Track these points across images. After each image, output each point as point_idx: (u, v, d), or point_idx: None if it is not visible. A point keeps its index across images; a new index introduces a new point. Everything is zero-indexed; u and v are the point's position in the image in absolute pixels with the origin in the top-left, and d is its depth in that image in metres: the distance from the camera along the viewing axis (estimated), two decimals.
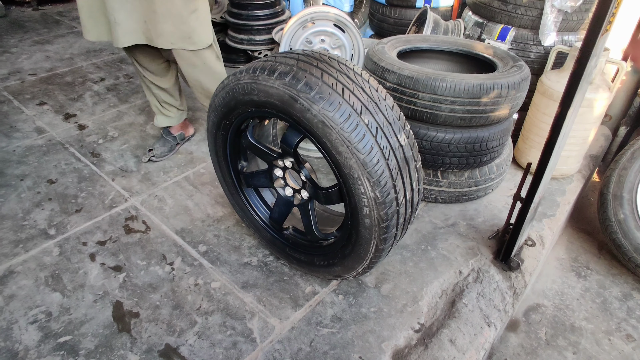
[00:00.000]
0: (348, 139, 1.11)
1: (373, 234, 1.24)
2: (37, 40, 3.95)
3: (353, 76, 1.21)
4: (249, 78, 1.24)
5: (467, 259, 1.76)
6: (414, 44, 2.10)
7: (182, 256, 1.75)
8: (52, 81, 3.20)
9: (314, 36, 2.13)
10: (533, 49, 2.14)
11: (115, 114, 2.79)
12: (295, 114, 1.17)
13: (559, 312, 1.92)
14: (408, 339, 1.46)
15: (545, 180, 1.52)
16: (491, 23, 2.24)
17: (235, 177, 1.63)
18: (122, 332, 1.46)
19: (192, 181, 2.19)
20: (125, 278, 1.65)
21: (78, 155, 2.37)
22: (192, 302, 1.56)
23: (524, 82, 1.73)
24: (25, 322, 1.48)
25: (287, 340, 1.44)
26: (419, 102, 1.71)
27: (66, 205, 2.01)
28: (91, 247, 1.79)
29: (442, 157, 1.82)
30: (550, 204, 2.08)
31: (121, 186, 2.14)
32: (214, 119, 1.47)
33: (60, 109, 2.84)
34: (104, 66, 3.49)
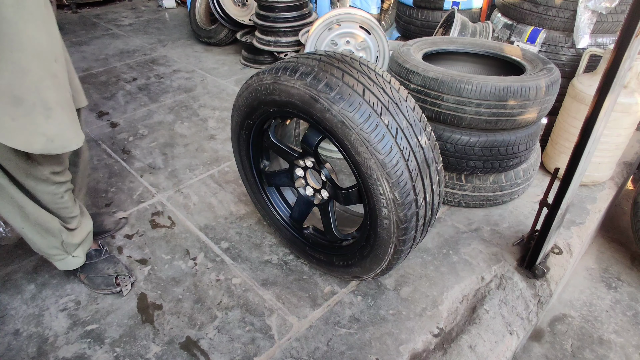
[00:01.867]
0: (367, 140, 1.12)
1: (391, 235, 1.23)
2: (75, 42, 4.13)
3: (374, 77, 1.21)
4: (271, 78, 1.26)
5: (490, 265, 1.73)
6: (440, 46, 2.08)
7: (205, 252, 1.79)
8: (87, 80, 3.34)
9: (340, 38, 2.14)
10: (564, 52, 2.08)
11: (145, 112, 2.89)
12: (316, 114, 1.18)
13: (587, 323, 1.85)
14: (426, 343, 1.45)
15: (573, 186, 1.47)
16: (521, 25, 2.19)
17: (258, 176, 1.66)
18: (146, 323, 1.50)
19: (216, 179, 2.24)
20: (150, 271, 1.70)
21: (109, 152, 2.46)
22: (213, 296, 1.60)
23: (553, 85, 1.68)
24: (56, 309, 1.55)
25: (304, 339, 1.45)
26: (444, 104, 1.69)
27: (97, 199, 2.09)
28: (119, 240, 1.85)
29: (466, 160, 1.79)
30: (580, 212, 2.01)
31: (149, 182, 2.21)
32: (237, 118, 1.50)
33: (94, 107, 2.96)
34: (136, 66, 3.61)
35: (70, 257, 1.55)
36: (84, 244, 1.58)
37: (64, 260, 1.55)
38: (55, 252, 1.52)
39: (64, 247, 1.52)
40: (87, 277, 1.63)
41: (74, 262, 1.58)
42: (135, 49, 3.99)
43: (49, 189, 1.37)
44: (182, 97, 3.09)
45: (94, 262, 1.63)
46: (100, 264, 1.63)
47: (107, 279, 1.62)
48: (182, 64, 3.67)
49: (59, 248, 1.51)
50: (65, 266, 1.57)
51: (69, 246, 1.53)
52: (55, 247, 1.50)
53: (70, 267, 1.58)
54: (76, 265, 1.59)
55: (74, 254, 1.56)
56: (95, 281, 1.62)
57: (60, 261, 1.55)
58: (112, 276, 1.62)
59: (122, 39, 4.24)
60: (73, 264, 1.58)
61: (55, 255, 1.53)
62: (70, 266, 1.58)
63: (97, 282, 1.62)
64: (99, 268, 1.63)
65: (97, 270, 1.63)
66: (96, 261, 1.64)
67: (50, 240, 1.48)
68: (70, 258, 1.56)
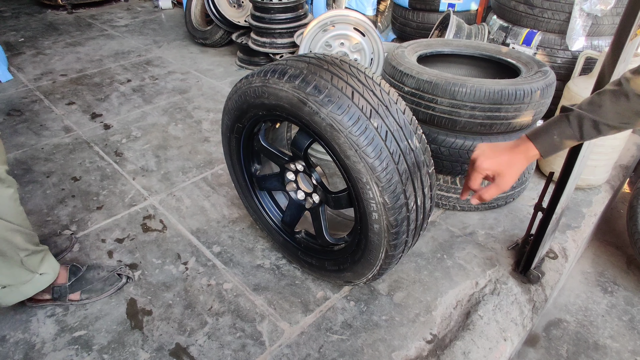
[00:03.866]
0: (356, 143, 1.10)
1: (382, 240, 1.21)
2: (70, 43, 4.11)
3: (364, 79, 1.19)
4: (260, 81, 1.24)
5: (485, 270, 1.71)
6: (435, 48, 2.06)
7: (197, 256, 1.77)
8: (81, 82, 3.32)
9: (334, 39, 2.12)
10: (560, 54, 2.06)
11: (139, 114, 2.86)
12: (304, 117, 1.16)
13: (582, 328, 1.84)
14: (419, 349, 1.43)
15: (568, 190, 1.45)
16: (516, 27, 2.18)
17: (249, 179, 1.64)
18: (135, 329, 1.48)
19: (209, 182, 2.21)
20: (141, 276, 1.68)
21: (102, 154, 2.43)
22: (204, 302, 1.58)
23: (548, 88, 1.67)
24: (44, 315, 1.53)
25: (295, 345, 1.43)
26: (438, 107, 1.67)
27: (88, 202, 2.07)
28: (109, 244, 1.83)
29: (460, 164, 1.77)
30: (575, 215, 2.00)
31: (141, 185, 2.19)
32: (228, 122, 1.48)
33: (87, 108, 2.93)
34: (131, 68, 3.58)
35: (37, 276, 1.41)
36: (47, 258, 1.45)
37: (30, 282, 1.40)
38: (17, 272, 1.36)
39: (26, 265, 1.36)
40: (83, 291, 1.54)
41: (43, 281, 1.44)
42: (130, 50, 3.96)
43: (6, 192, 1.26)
44: (176, 99, 3.06)
45: (80, 276, 1.56)
46: (88, 274, 1.57)
47: (108, 279, 1.57)
48: (177, 65, 3.64)
49: (20, 267, 1.35)
50: (34, 288, 1.42)
51: (31, 263, 1.38)
52: (15, 267, 1.35)
53: (40, 287, 1.44)
54: (46, 284, 1.45)
55: (41, 270, 1.42)
56: (95, 288, 1.56)
57: (26, 284, 1.39)
58: (110, 274, 1.57)
59: (118, 39, 4.22)
60: (43, 283, 1.44)
61: (20, 278, 1.37)
62: (40, 286, 1.44)
63: (99, 287, 1.56)
64: (89, 277, 1.57)
65: (88, 280, 1.56)
66: (82, 274, 1.56)
67: (10, 259, 1.32)
68: (38, 277, 1.42)
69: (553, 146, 1.01)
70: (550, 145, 1.01)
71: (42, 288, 1.46)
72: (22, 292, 1.40)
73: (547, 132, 1.01)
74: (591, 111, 0.96)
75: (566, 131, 0.99)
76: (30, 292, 1.43)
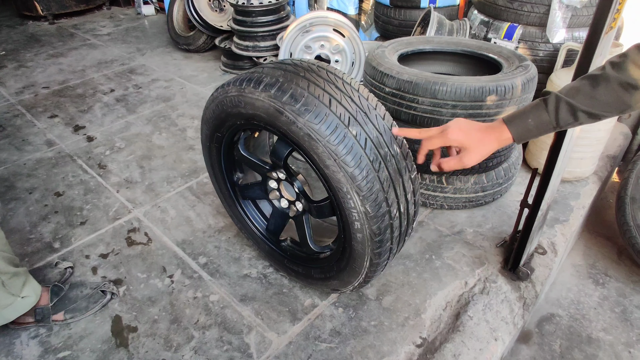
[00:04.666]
0: (335, 152, 1.07)
1: (366, 248, 1.19)
2: (52, 54, 4.05)
3: (341, 85, 1.17)
4: (236, 90, 1.21)
5: (474, 269, 1.69)
6: (417, 46, 2.04)
7: (182, 268, 1.74)
8: (64, 94, 3.27)
9: (314, 42, 2.10)
10: (542, 47, 2.05)
11: (123, 124, 2.83)
12: (282, 126, 1.14)
13: (575, 322, 1.83)
14: (409, 354, 1.41)
15: (552, 185, 1.44)
16: (497, 21, 2.16)
17: (232, 189, 1.61)
18: (120, 347, 1.45)
19: (194, 191, 2.18)
20: (126, 291, 1.65)
21: (85, 167, 2.40)
22: (190, 315, 1.55)
23: (529, 82, 1.65)
24: (27, 336, 1.49)
25: (284, 356, 1.41)
26: (419, 107, 1.65)
27: (71, 217, 2.03)
28: (93, 260, 1.79)
29: None
30: (563, 209, 1.99)
31: (125, 197, 2.16)
32: (207, 131, 1.46)
33: (70, 121, 2.89)
34: (114, 77, 3.54)
35: (19, 299, 1.37)
36: (29, 280, 1.42)
37: (12, 305, 1.36)
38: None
39: (7, 289, 1.33)
40: (66, 311, 1.50)
41: (25, 304, 1.40)
42: (113, 59, 3.91)
43: None
44: (160, 107, 3.03)
45: (63, 295, 1.53)
46: (70, 293, 1.54)
47: (92, 297, 1.54)
48: (160, 72, 3.60)
49: (2, 291, 1.32)
50: (16, 312, 1.38)
51: (13, 286, 1.34)
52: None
53: (22, 310, 1.40)
54: (28, 307, 1.41)
55: (23, 294, 1.38)
56: (80, 307, 1.53)
57: (8, 307, 1.35)
58: (94, 291, 1.54)
59: (100, 49, 4.17)
60: (25, 306, 1.40)
61: (1, 302, 1.33)
62: (22, 309, 1.39)
63: (83, 306, 1.53)
64: (72, 296, 1.54)
65: (72, 299, 1.53)
66: (64, 293, 1.53)
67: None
68: (20, 300, 1.38)
69: (527, 131, 0.98)
70: (524, 130, 0.98)
71: (25, 311, 1.43)
72: (3, 316, 1.37)
73: (522, 117, 0.98)
74: (569, 95, 0.93)
75: (542, 116, 0.95)
76: (12, 316, 1.40)
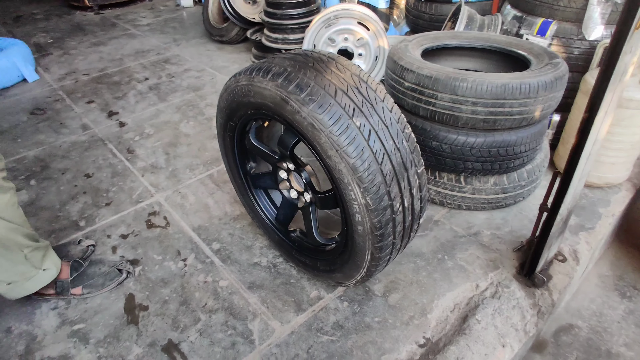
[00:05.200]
0: (337, 143, 1.07)
1: (367, 242, 1.18)
2: (94, 42, 4.24)
3: (349, 77, 1.16)
4: (246, 80, 1.23)
5: (487, 272, 1.64)
6: (443, 41, 1.98)
7: (196, 253, 1.79)
8: (101, 80, 3.42)
9: (337, 34, 2.09)
10: (577, 45, 1.94)
11: (153, 112, 2.92)
12: (287, 116, 1.14)
13: (595, 335, 1.74)
14: (411, 353, 1.39)
15: (574, 189, 1.37)
16: (530, 17, 2.07)
17: (245, 178, 1.64)
18: (131, 324, 1.51)
19: (215, 179, 2.23)
20: (141, 271, 1.71)
21: (115, 152, 2.50)
22: (199, 299, 1.59)
23: (557, 81, 1.57)
24: (47, 308, 1.58)
25: (285, 345, 1.42)
26: (438, 102, 1.61)
27: (98, 198, 2.13)
28: (114, 240, 1.87)
29: (463, 161, 1.70)
30: (590, 216, 1.89)
31: (149, 182, 2.23)
32: (220, 120, 1.48)
33: (105, 106, 3.02)
34: (149, 66, 3.66)
35: (41, 272, 1.46)
36: (49, 254, 1.49)
37: (34, 277, 1.45)
38: (23, 269, 1.40)
39: (30, 261, 1.40)
40: (84, 286, 1.58)
41: (46, 277, 1.48)
42: (150, 48, 4.05)
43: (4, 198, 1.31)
44: (190, 96, 3.11)
45: (82, 271, 1.61)
46: (89, 270, 1.62)
47: (109, 274, 1.61)
48: (193, 62, 3.70)
49: (24, 264, 1.40)
50: (38, 283, 1.46)
51: (34, 260, 1.42)
52: (21, 264, 1.39)
53: (44, 282, 1.48)
54: (49, 279, 1.49)
55: (44, 266, 1.46)
56: (96, 283, 1.60)
57: (31, 279, 1.44)
58: (111, 269, 1.61)
59: (139, 38, 4.32)
60: (46, 278, 1.48)
61: (24, 274, 1.41)
62: (44, 281, 1.48)
63: (100, 283, 1.61)
64: (90, 273, 1.62)
65: (90, 275, 1.61)
66: (83, 269, 1.61)
67: (13, 257, 1.36)
68: (42, 273, 1.46)
69: None
70: None
71: (45, 283, 1.51)
72: (26, 287, 1.46)
73: None
74: None
75: None
76: (34, 288, 1.49)
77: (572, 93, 1.97)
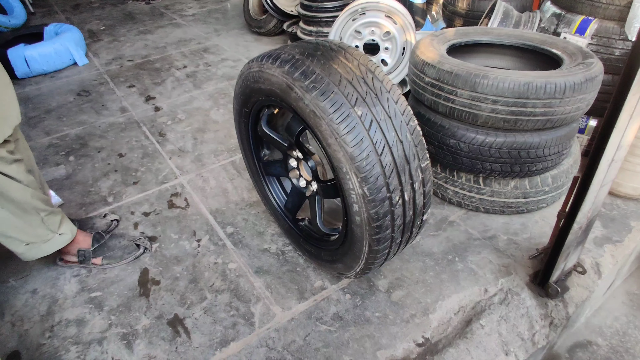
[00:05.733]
0: (337, 130, 1.07)
1: (364, 232, 1.18)
2: (141, 30, 4.44)
3: (356, 66, 1.15)
4: (257, 66, 1.25)
5: (498, 277, 1.58)
6: (473, 37, 1.92)
7: (210, 235, 1.84)
8: (143, 67, 3.58)
9: (364, 27, 2.07)
10: (618, 45, 1.82)
11: (187, 98, 3.03)
12: (292, 102, 1.16)
13: (615, 355, 1.64)
14: (407, 351, 1.37)
15: (593, 197, 1.29)
16: (570, 14, 1.96)
17: (258, 164, 1.67)
18: (142, 297, 1.59)
19: (236, 166, 2.29)
20: (157, 248, 1.79)
21: (147, 134, 2.62)
22: (208, 278, 1.65)
23: (588, 82, 1.48)
24: (70, 274, 1.69)
25: (283, 330, 1.44)
26: (458, 99, 1.57)
27: (127, 177, 2.25)
28: (137, 217, 1.97)
29: (481, 161, 1.65)
30: (620, 228, 1.77)
31: (175, 165, 2.32)
32: (236, 106, 1.52)
33: (144, 91, 3.16)
34: (189, 54, 3.79)
35: (57, 236, 1.53)
36: (65, 220, 1.57)
37: (51, 240, 1.52)
38: (40, 232, 1.47)
39: (47, 225, 1.47)
40: (104, 257, 1.69)
41: (62, 240, 1.56)
42: (192, 37, 4.19)
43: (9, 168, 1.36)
44: (223, 85, 3.19)
45: (103, 242, 1.71)
46: (110, 242, 1.72)
47: (127, 247, 1.70)
48: (230, 52, 3.79)
49: (41, 227, 1.46)
50: (54, 246, 1.54)
51: (51, 223, 1.49)
52: (38, 227, 1.45)
53: (59, 245, 1.56)
54: (65, 243, 1.57)
55: (60, 231, 1.54)
56: (115, 255, 1.70)
57: (48, 242, 1.51)
58: (129, 244, 1.69)
59: (183, 28, 4.48)
60: (61, 242, 1.56)
61: (41, 237, 1.48)
62: (59, 244, 1.56)
63: (118, 255, 1.71)
64: (111, 245, 1.72)
65: (110, 247, 1.71)
66: (104, 241, 1.71)
67: (31, 220, 1.43)
68: (58, 237, 1.54)
69: None
70: None
71: (61, 247, 1.61)
72: (43, 249, 1.56)
73: None
74: None
75: None
76: (51, 250, 1.58)
77: (606, 96, 1.85)
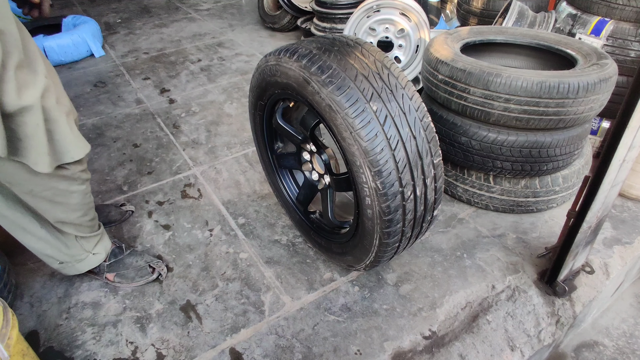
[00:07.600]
0: (352, 125, 1.09)
1: (375, 226, 1.20)
2: (157, 24, 4.49)
3: (372, 62, 1.17)
4: (274, 60, 1.28)
5: (505, 275, 1.60)
6: (487, 36, 1.93)
7: (222, 225, 1.88)
8: (159, 60, 3.63)
9: (378, 24, 2.09)
10: (634, 47, 1.82)
11: (201, 91, 3.07)
12: (308, 96, 1.18)
13: (621, 356, 1.65)
14: (414, 343, 1.39)
15: (603, 196, 1.30)
16: (586, 15, 1.95)
17: (271, 156, 1.70)
18: (155, 282, 1.63)
19: (249, 158, 2.32)
20: (171, 236, 1.84)
21: (162, 125, 2.66)
22: (219, 267, 1.68)
23: (602, 83, 1.49)
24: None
25: (292, 319, 1.48)
26: (470, 97, 1.58)
27: (142, 167, 2.29)
28: (151, 206, 2.02)
29: (492, 160, 1.66)
30: (630, 230, 1.77)
31: (189, 156, 2.37)
32: (252, 99, 1.55)
33: (159, 84, 3.21)
34: (204, 48, 3.83)
35: (91, 256, 1.54)
36: (102, 240, 1.57)
37: (85, 260, 1.53)
38: (74, 252, 1.49)
39: (81, 244, 1.49)
40: (117, 274, 1.61)
41: (95, 260, 1.56)
42: (206, 32, 4.23)
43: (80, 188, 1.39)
44: (237, 79, 3.23)
45: (120, 259, 1.63)
46: (127, 259, 1.64)
47: (141, 270, 1.62)
48: (244, 47, 3.82)
49: (76, 247, 1.48)
50: (87, 265, 1.55)
51: (86, 244, 1.50)
52: (73, 247, 1.47)
53: (92, 265, 1.56)
54: (98, 263, 1.57)
55: (94, 251, 1.54)
56: (128, 276, 1.61)
57: (82, 262, 1.53)
58: (144, 266, 1.63)
59: (198, 22, 4.52)
60: (95, 261, 1.56)
61: (75, 256, 1.50)
62: (92, 264, 1.56)
63: (131, 276, 1.61)
64: (127, 263, 1.63)
65: (125, 265, 1.62)
66: (121, 257, 1.63)
67: (68, 240, 1.45)
68: (92, 256, 1.54)
69: None
70: None
71: (94, 266, 1.58)
72: (77, 268, 1.55)
73: None
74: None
75: None
76: (83, 269, 1.56)
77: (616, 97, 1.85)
